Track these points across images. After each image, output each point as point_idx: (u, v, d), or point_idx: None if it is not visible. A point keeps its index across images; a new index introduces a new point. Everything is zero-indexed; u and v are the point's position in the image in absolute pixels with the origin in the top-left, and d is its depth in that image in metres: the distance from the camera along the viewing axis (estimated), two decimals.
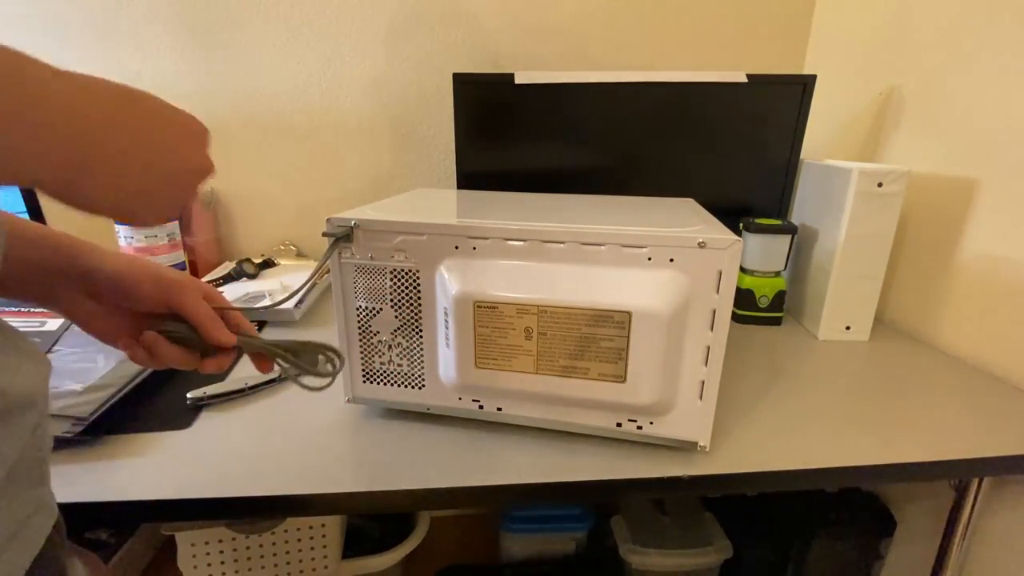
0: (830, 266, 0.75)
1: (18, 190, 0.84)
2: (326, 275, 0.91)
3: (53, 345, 0.60)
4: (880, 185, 0.70)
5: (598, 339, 0.45)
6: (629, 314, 0.44)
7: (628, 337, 0.45)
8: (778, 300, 0.81)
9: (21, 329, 0.32)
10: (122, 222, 0.38)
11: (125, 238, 0.85)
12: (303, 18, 0.95)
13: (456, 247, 0.48)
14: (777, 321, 0.82)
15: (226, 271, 0.91)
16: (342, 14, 0.95)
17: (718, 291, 0.44)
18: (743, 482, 0.48)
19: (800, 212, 0.85)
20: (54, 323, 0.65)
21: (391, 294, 0.50)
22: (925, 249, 0.78)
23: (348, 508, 0.46)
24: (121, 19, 0.92)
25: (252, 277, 0.90)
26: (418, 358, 0.52)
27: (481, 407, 0.52)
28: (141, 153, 0.28)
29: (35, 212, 0.86)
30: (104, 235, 0.99)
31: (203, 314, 0.40)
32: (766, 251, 0.81)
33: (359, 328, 0.52)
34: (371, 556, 0.91)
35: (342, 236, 0.49)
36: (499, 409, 0.51)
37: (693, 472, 0.47)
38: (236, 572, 0.82)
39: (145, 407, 0.56)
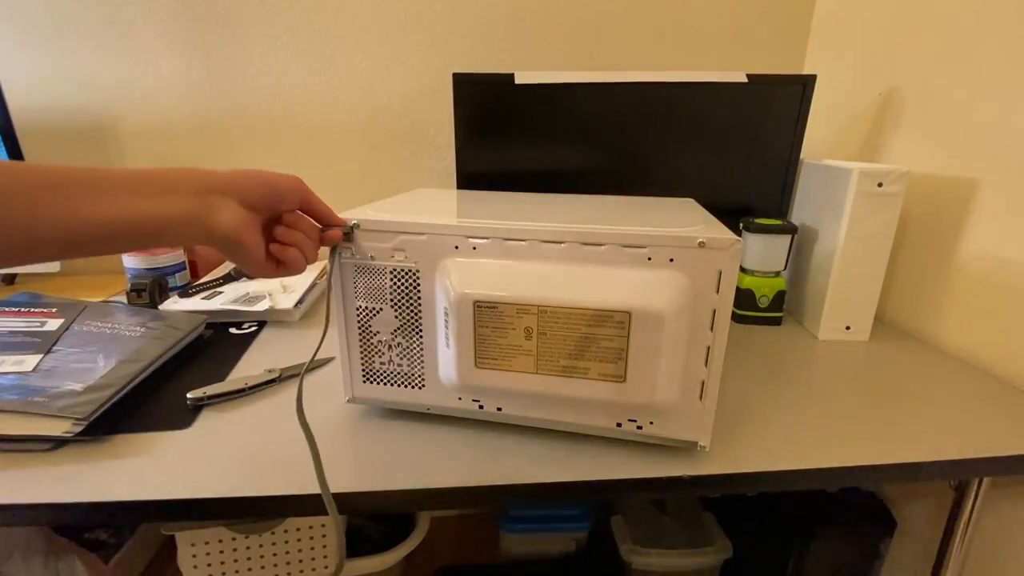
0: (830, 266, 0.75)
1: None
2: (326, 275, 0.91)
3: (53, 345, 0.60)
4: (880, 185, 0.70)
5: (598, 339, 0.45)
6: (629, 314, 0.44)
7: (628, 337, 0.45)
8: (778, 300, 0.81)
9: (21, 329, 0.32)
10: None
11: None
12: (303, 18, 0.95)
13: (456, 247, 0.48)
14: (777, 321, 0.82)
15: (226, 271, 0.91)
16: (342, 14, 0.95)
17: (718, 291, 0.44)
18: (743, 482, 0.48)
19: (800, 212, 0.85)
20: (54, 323, 0.65)
21: (391, 294, 0.50)
22: (925, 249, 0.78)
23: (348, 508, 0.45)
24: (120, 19, 0.92)
25: (252, 277, 0.90)
26: (418, 358, 0.52)
27: (481, 407, 0.52)
28: None
29: None
30: None
31: (325, 206, 0.48)
32: (766, 251, 0.81)
33: (359, 328, 0.52)
34: (371, 556, 0.91)
35: (342, 236, 0.49)
36: (499, 409, 0.51)
37: (693, 472, 0.47)
38: (236, 572, 0.82)
39: (145, 407, 0.56)
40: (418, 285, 0.49)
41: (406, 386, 0.53)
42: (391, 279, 0.50)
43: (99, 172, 0.36)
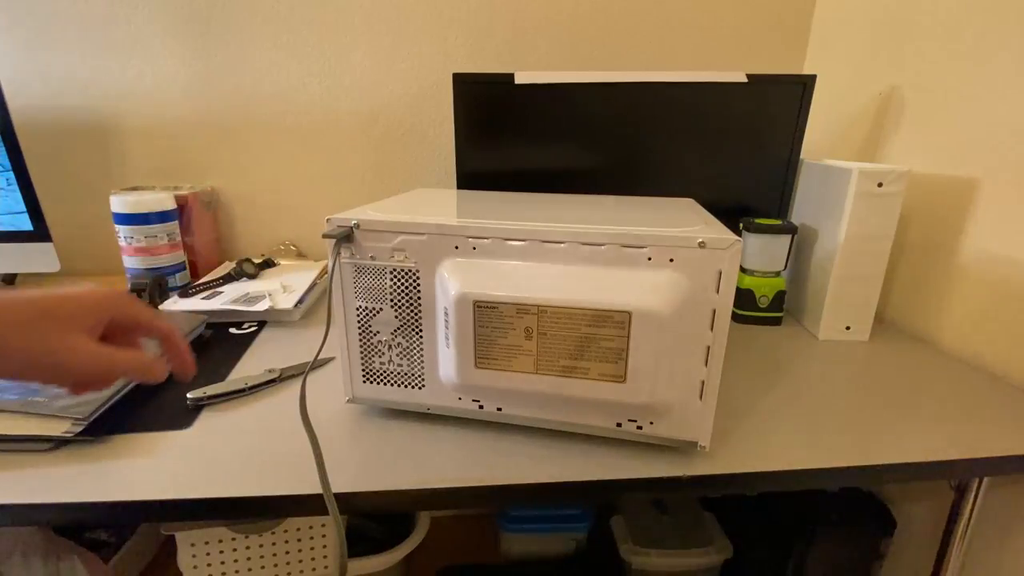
0: (830, 266, 0.75)
1: (18, 191, 0.84)
2: (326, 275, 0.91)
3: None
4: (880, 185, 0.70)
5: (598, 339, 0.45)
6: (629, 314, 0.44)
7: (628, 337, 0.45)
8: (778, 300, 0.81)
9: None
10: None
11: (125, 238, 0.85)
12: (303, 18, 0.95)
13: (456, 247, 0.48)
14: (777, 321, 0.82)
15: (226, 271, 0.91)
16: (342, 14, 0.95)
17: (718, 291, 0.44)
18: (743, 482, 0.48)
19: (800, 212, 0.85)
20: None
21: (391, 294, 0.50)
22: (925, 249, 0.78)
23: (348, 508, 0.45)
24: (121, 19, 0.92)
25: (252, 277, 0.90)
26: (418, 358, 0.52)
27: (481, 407, 0.52)
28: None
29: (35, 213, 0.86)
30: (110, 241, 0.99)
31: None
32: (766, 251, 0.81)
33: (359, 328, 0.52)
34: (371, 556, 0.91)
35: (343, 236, 0.49)
36: (499, 409, 0.51)
37: (693, 472, 0.47)
38: (236, 572, 0.82)
39: (145, 407, 0.56)
40: (418, 285, 0.49)
41: (406, 386, 0.53)
42: (391, 279, 0.50)
43: None
